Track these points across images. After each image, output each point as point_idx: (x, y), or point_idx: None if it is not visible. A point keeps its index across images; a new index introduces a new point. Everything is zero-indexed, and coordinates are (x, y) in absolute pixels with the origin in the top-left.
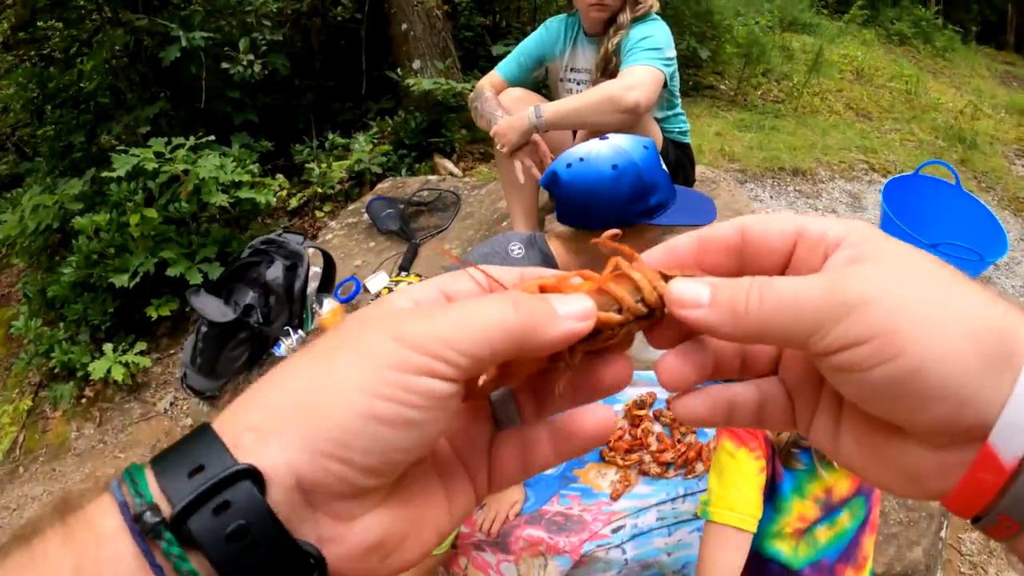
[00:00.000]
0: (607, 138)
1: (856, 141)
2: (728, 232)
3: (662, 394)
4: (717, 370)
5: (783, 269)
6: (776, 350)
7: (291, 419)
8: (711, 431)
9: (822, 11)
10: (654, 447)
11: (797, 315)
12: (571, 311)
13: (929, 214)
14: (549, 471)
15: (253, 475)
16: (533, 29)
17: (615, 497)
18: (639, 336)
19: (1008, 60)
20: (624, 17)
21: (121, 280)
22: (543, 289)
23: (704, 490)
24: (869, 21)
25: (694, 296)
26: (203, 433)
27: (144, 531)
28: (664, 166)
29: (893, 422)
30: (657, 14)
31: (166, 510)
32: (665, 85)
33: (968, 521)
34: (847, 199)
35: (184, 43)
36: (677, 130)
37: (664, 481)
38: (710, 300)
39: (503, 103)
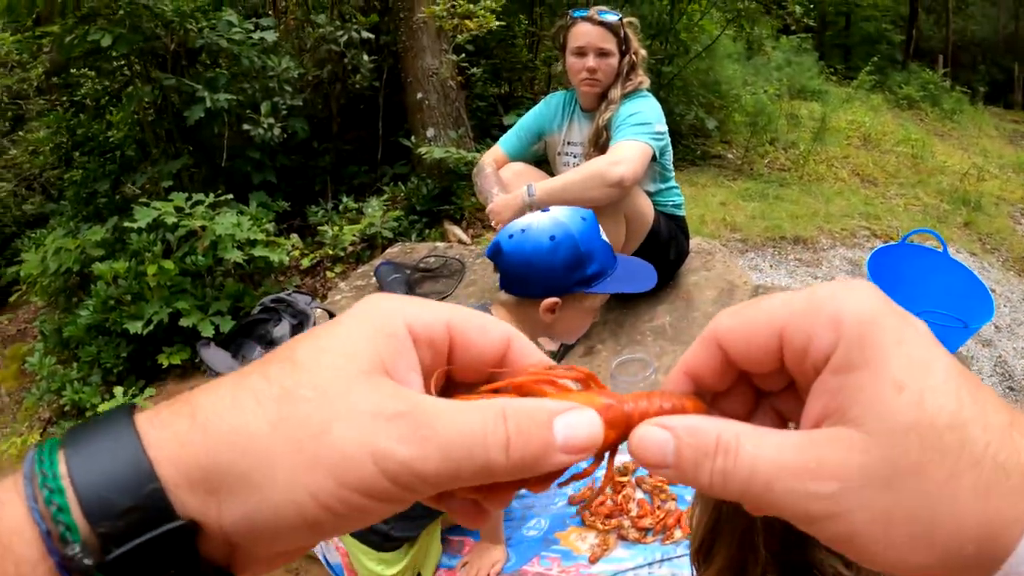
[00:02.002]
0: (548, 211)
1: (860, 207)
2: (708, 355)
3: None
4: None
5: (779, 367)
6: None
7: (233, 485)
8: (691, 499)
9: (831, 78)
10: (634, 512)
11: (767, 501)
12: (572, 444)
13: (916, 283)
14: (531, 533)
15: (189, 530)
16: (543, 99)
17: (593, 560)
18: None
19: (1016, 119)
20: (615, 93)
21: (136, 327)
22: (543, 384)
23: (681, 556)
24: (877, 86)
25: (659, 453)
26: (136, 458)
27: (71, 569)
28: (603, 236)
29: None
30: (648, 91)
31: (94, 547)
32: (655, 159)
33: None
34: (847, 267)
35: (209, 104)
36: (671, 203)
37: (642, 546)
38: (674, 462)
39: (503, 178)
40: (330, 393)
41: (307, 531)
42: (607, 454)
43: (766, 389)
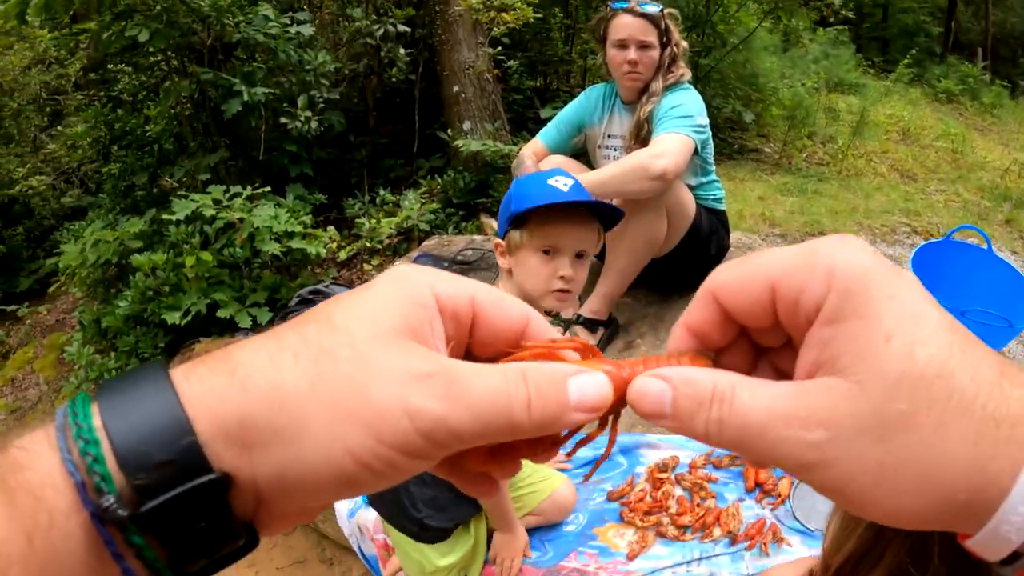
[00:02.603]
0: None
1: (899, 203)
2: (707, 310)
3: (684, 458)
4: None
5: (775, 321)
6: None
7: (269, 441)
8: (731, 497)
9: (868, 71)
10: (673, 510)
11: (760, 449)
12: (585, 403)
13: (960, 280)
14: (569, 528)
15: (223, 483)
16: (581, 91)
17: (631, 557)
18: None
19: None
20: (657, 85)
21: (173, 317)
22: (549, 355)
23: (720, 554)
24: (916, 79)
25: (657, 403)
26: (172, 409)
27: (106, 520)
28: (556, 181)
29: None
30: (690, 83)
31: (128, 499)
32: (697, 152)
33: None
34: None
35: (246, 97)
36: (712, 197)
37: (681, 544)
38: (672, 412)
39: (543, 170)
40: (366, 354)
41: (339, 486)
42: (611, 419)
43: (765, 345)
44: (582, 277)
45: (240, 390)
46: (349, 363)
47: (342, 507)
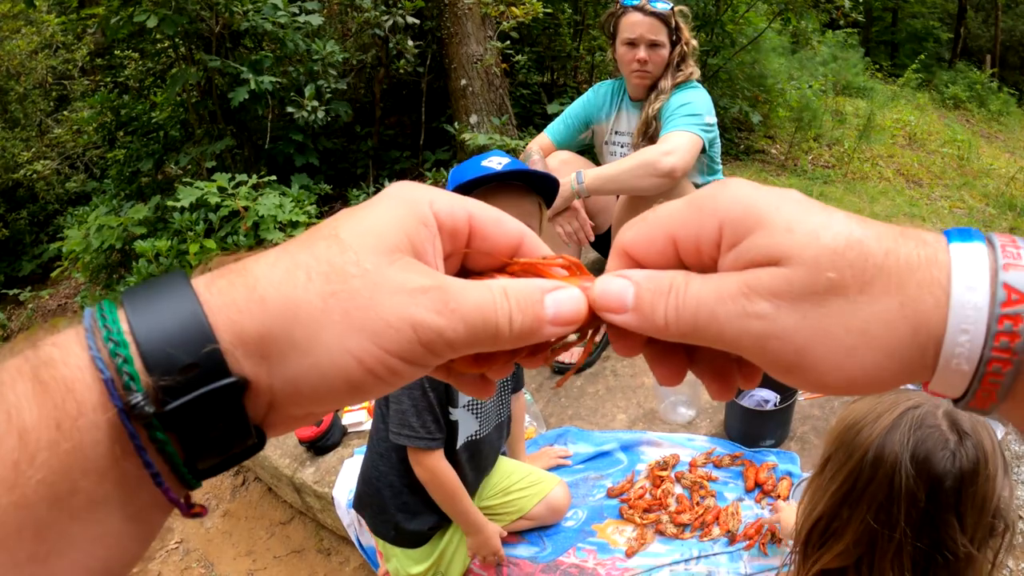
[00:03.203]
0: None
1: (904, 208)
2: (624, 264)
3: (685, 456)
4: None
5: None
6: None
7: (285, 351)
8: (731, 496)
9: (876, 75)
10: (673, 508)
11: (715, 329)
12: (561, 317)
13: None
14: (568, 523)
15: (241, 387)
16: (588, 87)
17: (630, 554)
18: (664, 397)
19: None
20: (665, 83)
21: None
22: (536, 270)
23: (718, 553)
24: (923, 85)
25: (619, 298)
26: (196, 318)
27: (132, 415)
28: (491, 163)
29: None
30: (699, 81)
31: (153, 397)
32: (704, 151)
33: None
34: None
35: (253, 86)
36: None
37: (679, 542)
38: (633, 304)
39: (550, 166)
40: (372, 271)
41: (346, 392)
42: (589, 332)
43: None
44: None
45: (259, 304)
46: (357, 279)
47: (341, 498)
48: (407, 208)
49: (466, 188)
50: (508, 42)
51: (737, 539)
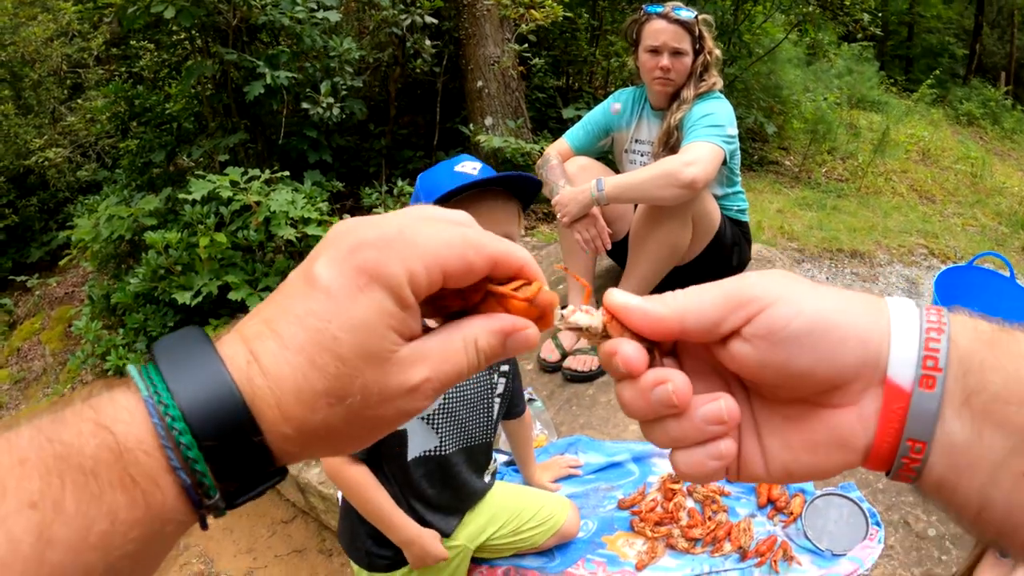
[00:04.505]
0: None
1: (917, 224)
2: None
3: None
4: None
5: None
6: None
7: (319, 450)
8: (743, 512)
9: (891, 89)
10: (684, 522)
11: (714, 296)
12: (517, 351)
13: (983, 306)
14: (579, 534)
15: (281, 470)
16: (604, 93)
17: (640, 567)
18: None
19: None
20: (688, 93)
21: (184, 297)
22: (506, 303)
23: (729, 569)
24: (938, 100)
25: (624, 294)
26: (261, 450)
27: (205, 509)
28: (459, 168)
29: (813, 387)
30: (721, 92)
31: (222, 493)
32: (725, 163)
33: (887, 475)
34: (904, 284)
35: (269, 80)
36: (736, 208)
37: (690, 556)
38: (642, 298)
39: (568, 171)
40: (376, 390)
41: (351, 452)
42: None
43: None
44: None
45: (299, 434)
46: (366, 401)
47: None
48: (390, 301)
49: (445, 197)
50: (525, 45)
51: (748, 555)
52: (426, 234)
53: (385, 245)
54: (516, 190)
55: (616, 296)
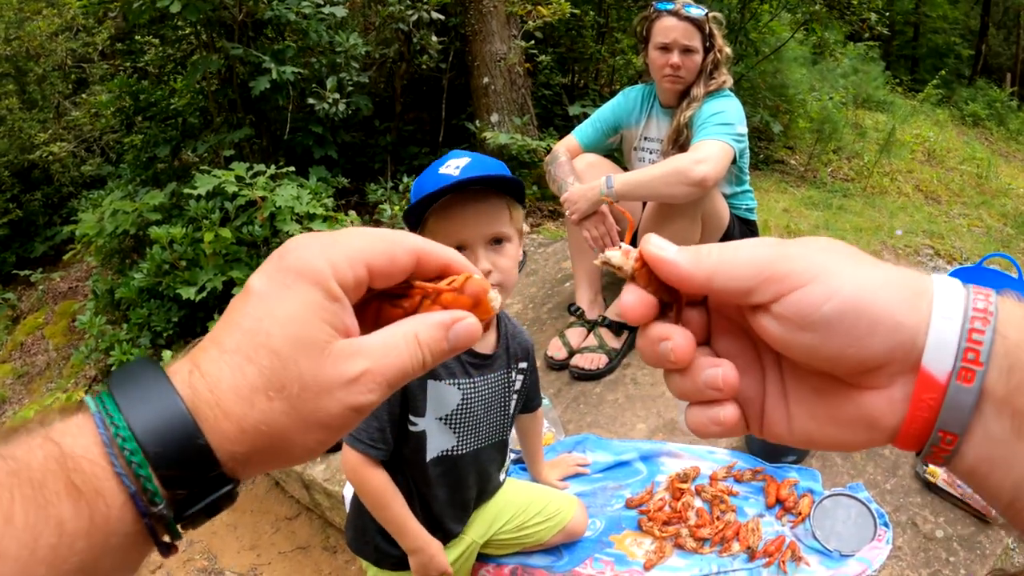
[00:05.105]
0: None
1: (923, 225)
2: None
3: (705, 469)
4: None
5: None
6: None
7: (267, 460)
8: (751, 512)
9: (896, 89)
10: (692, 521)
11: (749, 260)
12: (459, 346)
13: None
14: (586, 533)
15: (236, 486)
16: (610, 91)
17: (648, 567)
18: (683, 409)
19: None
20: (698, 90)
21: (188, 292)
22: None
23: (737, 570)
24: (943, 101)
25: (665, 243)
26: (204, 450)
27: (153, 517)
28: (444, 169)
29: (843, 370)
30: (731, 90)
31: (169, 502)
32: (734, 161)
33: (917, 456)
34: None
35: (274, 76)
36: (744, 207)
37: (699, 556)
38: (677, 248)
39: (576, 168)
40: (313, 379)
41: (307, 458)
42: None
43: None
44: (504, 265)
45: (243, 434)
46: (306, 390)
47: (351, 497)
48: (318, 292)
49: (425, 203)
50: (532, 42)
51: (757, 556)
52: (353, 236)
53: (310, 247)
54: (500, 187)
55: (652, 243)
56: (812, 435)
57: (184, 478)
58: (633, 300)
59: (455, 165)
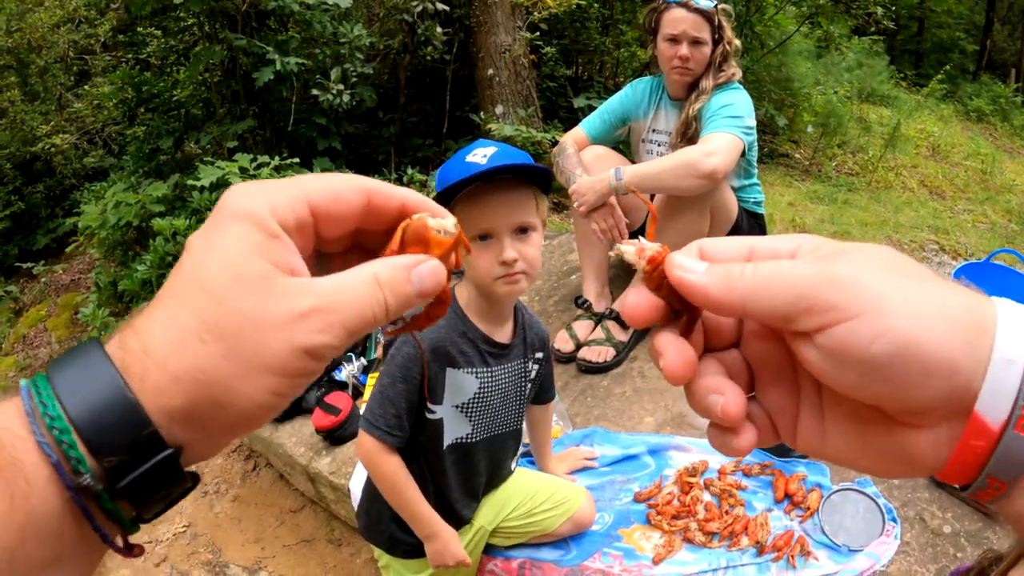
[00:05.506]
0: None
1: (928, 220)
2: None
3: (713, 463)
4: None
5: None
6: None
7: (210, 415)
8: (760, 506)
9: (901, 83)
10: (701, 515)
11: (790, 285)
12: (425, 291)
13: None
14: (594, 527)
15: (176, 453)
16: (614, 83)
17: (657, 561)
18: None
19: None
20: (707, 83)
21: None
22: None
23: (746, 564)
24: (948, 96)
25: (691, 263)
26: (130, 405)
27: (82, 492)
28: (470, 158)
29: (886, 405)
30: (739, 83)
31: (100, 474)
32: (743, 154)
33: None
34: None
35: (278, 66)
36: (752, 200)
37: (707, 550)
38: (705, 268)
39: (584, 160)
40: (254, 317)
41: (268, 415)
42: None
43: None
44: (530, 254)
45: (176, 383)
46: (244, 330)
47: (357, 490)
48: (254, 229)
49: (453, 190)
50: (537, 33)
51: (766, 550)
52: (297, 178)
53: (247, 191)
54: (527, 176)
55: (677, 265)
56: (846, 458)
57: (113, 442)
58: (637, 302)
59: (482, 154)
